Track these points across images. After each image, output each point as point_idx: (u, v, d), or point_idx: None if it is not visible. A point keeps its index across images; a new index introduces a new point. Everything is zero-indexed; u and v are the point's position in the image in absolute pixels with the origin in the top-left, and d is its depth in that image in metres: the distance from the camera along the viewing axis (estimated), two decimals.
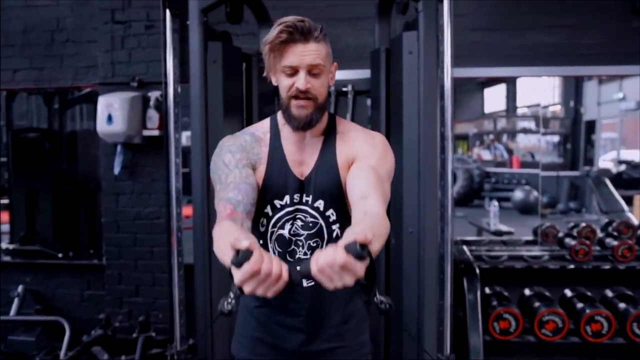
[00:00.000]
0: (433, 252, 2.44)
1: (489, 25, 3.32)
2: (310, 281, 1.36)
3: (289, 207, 1.38)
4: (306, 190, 1.38)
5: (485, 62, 3.37)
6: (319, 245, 1.39)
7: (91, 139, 4.15)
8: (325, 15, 3.43)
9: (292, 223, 1.39)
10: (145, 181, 3.56)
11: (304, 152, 1.40)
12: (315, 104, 1.33)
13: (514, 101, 11.65)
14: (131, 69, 3.50)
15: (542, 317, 2.82)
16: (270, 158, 1.40)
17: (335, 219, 1.39)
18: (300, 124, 1.34)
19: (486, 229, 5.66)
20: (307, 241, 1.38)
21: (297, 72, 1.30)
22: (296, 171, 1.39)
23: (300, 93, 1.30)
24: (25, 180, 4.93)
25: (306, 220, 1.38)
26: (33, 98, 5.12)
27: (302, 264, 1.04)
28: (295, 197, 1.38)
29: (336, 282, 0.96)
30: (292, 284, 1.01)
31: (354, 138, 1.41)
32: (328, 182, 1.37)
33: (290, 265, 1.34)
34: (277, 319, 1.42)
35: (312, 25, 1.31)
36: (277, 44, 1.28)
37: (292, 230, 1.39)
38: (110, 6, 3.49)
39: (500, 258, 3.17)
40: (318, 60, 1.30)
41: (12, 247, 4.86)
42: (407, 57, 2.52)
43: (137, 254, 3.61)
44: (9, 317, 3.71)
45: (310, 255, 1.31)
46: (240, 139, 1.42)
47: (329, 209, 1.38)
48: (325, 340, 1.41)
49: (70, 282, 3.85)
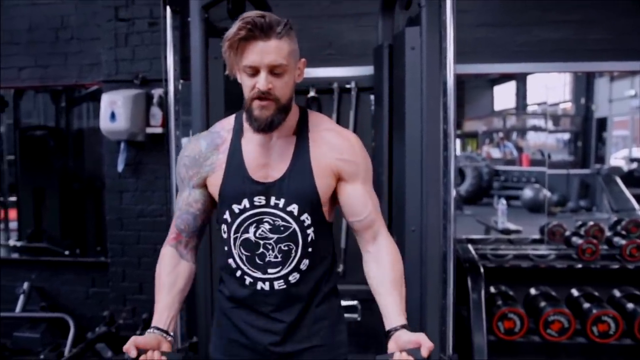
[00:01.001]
0: (435, 251, 2.40)
1: (494, 21, 3.27)
2: (282, 284, 1.36)
3: (250, 210, 1.35)
4: (276, 193, 1.34)
5: (491, 58, 3.33)
6: (292, 250, 1.36)
7: (97, 137, 4.15)
8: (328, 12, 3.41)
9: (257, 226, 1.35)
10: (149, 178, 3.56)
11: (269, 153, 1.35)
12: (277, 105, 1.27)
13: (524, 99, 11.55)
14: (135, 66, 3.50)
15: (548, 317, 2.78)
16: (228, 163, 1.36)
17: (310, 223, 1.36)
18: (261, 126, 1.28)
19: (494, 227, 5.61)
20: (277, 245, 1.35)
21: (258, 72, 1.24)
22: (257, 175, 1.35)
23: (262, 94, 1.24)
24: (33, 178, 4.96)
25: (275, 224, 1.34)
26: (40, 96, 5.17)
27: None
28: (257, 200, 1.34)
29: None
30: None
31: (329, 143, 1.37)
32: (303, 187, 1.34)
33: (262, 269, 1.36)
34: (250, 320, 1.40)
35: (274, 21, 1.24)
36: (236, 41, 1.22)
37: (257, 233, 1.35)
38: (114, 3, 3.49)
39: (506, 257, 3.12)
40: (280, 60, 1.23)
41: (20, 244, 4.90)
42: (409, 53, 2.49)
43: (140, 251, 3.61)
44: (15, 313, 3.73)
45: (282, 259, 1.35)
46: (197, 147, 1.40)
47: (303, 214, 1.35)
48: (299, 341, 1.39)
49: (75, 279, 3.87)
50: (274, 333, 1.38)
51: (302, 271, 1.37)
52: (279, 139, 1.35)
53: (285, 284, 1.36)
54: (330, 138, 1.38)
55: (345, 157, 1.36)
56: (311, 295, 1.39)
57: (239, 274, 1.39)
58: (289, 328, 1.38)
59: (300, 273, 1.36)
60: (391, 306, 1.27)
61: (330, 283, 1.44)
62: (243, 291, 1.39)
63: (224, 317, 1.46)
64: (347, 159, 1.36)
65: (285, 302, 1.38)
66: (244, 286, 1.39)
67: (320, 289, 1.41)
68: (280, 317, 1.38)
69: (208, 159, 1.38)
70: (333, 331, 1.44)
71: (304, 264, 1.36)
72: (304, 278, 1.37)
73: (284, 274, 1.36)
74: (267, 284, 1.36)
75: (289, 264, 1.36)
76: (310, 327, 1.40)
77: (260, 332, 1.39)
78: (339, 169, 1.36)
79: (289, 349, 1.39)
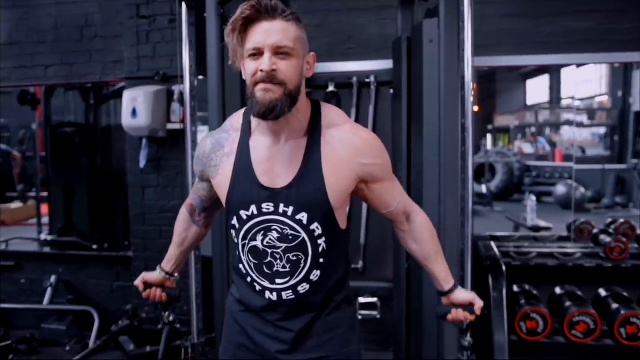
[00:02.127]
0: (454, 248, 2.35)
1: (518, 11, 3.17)
2: (290, 294, 1.31)
3: (258, 217, 1.28)
4: (284, 200, 1.25)
5: (516, 50, 3.22)
6: (301, 260, 1.28)
7: (124, 134, 4.22)
8: (348, 5, 3.36)
9: (265, 234, 1.28)
10: (170, 174, 3.59)
11: (278, 157, 1.27)
12: (284, 90, 1.17)
13: (558, 92, 11.25)
14: (156, 63, 3.53)
15: (573, 318, 2.68)
16: (236, 166, 1.30)
17: (321, 233, 1.28)
18: (262, 110, 1.17)
19: (523, 224, 5.48)
20: (285, 254, 1.28)
21: (262, 54, 1.16)
22: (264, 179, 1.27)
23: (266, 77, 1.15)
24: (63, 174, 5.08)
25: (284, 233, 1.27)
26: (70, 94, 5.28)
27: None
28: (265, 207, 1.27)
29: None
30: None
31: (344, 144, 1.28)
32: (313, 194, 1.25)
33: (270, 278, 1.31)
34: (258, 326, 1.37)
35: (281, 4, 1.18)
36: (241, 22, 1.15)
37: (265, 241, 1.29)
38: (136, 1, 3.53)
39: (530, 255, 3.02)
40: (285, 42, 1.16)
41: (51, 238, 5.03)
42: (427, 45, 2.43)
43: (162, 246, 3.62)
44: (43, 306, 3.83)
45: (290, 269, 1.29)
46: (203, 147, 1.38)
47: (313, 223, 1.26)
48: (308, 351, 1.35)
49: (100, 273, 3.94)
50: (282, 341, 1.34)
51: (312, 282, 1.30)
52: (288, 141, 1.26)
53: (294, 294, 1.30)
54: (346, 139, 1.28)
55: (367, 161, 1.29)
56: (322, 305, 1.34)
57: (249, 280, 1.35)
58: (297, 337, 1.34)
59: (311, 284, 1.31)
60: (441, 272, 1.43)
61: (342, 292, 1.39)
62: (253, 297, 1.36)
63: (233, 320, 1.44)
64: (370, 162, 1.29)
65: (295, 312, 1.33)
66: (254, 292, 1.35)
67: (332, 298, 1.36)
68: (289, 326, 1.34)
69: (212, 160, 1.34)
70: (344, 341, 1.38)
71: (315, 275, 1.30)
72: (314, 289, 1.31)
73: (292, 284, 1.30)
74: (275, 294, 1.31)
75: (297, 275, 1.29)
76: (320, 336, 1.35)
77: (269, 339, 1.36)
78: (362, 173, 1.29)
79: (298, 358, 1.35)
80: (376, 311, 3.06)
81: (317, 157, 1.25)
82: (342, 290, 1.39)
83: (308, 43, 1.25)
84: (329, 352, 1.35)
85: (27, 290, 4.05)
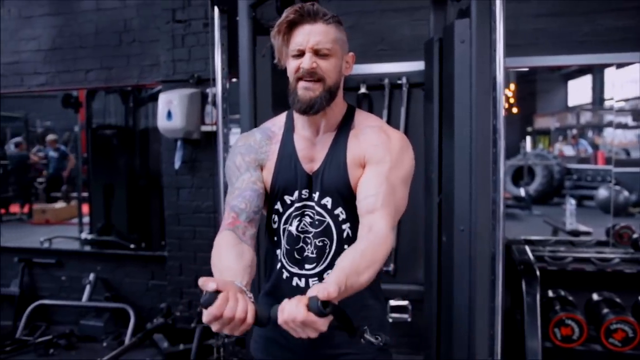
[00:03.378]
0: (485, 252, 2.31)
1: (555, 10, 3.09)
2: (316, 281, 1.32)
3: (297, 202, 1.35)
4: (314, 186, 1.34)
5: (553, 50, 3.14)
6: (326, 245, 1.32)
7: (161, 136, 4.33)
8: (381, 7, 3.35)
9: (300, 219, 1.34)
10: (204, 175, 3.65)
11: (315, 148, 1.36)
12: (324, 86, 1.27)
13: (601, 93, 10.92)
14: (191, 66, 3.60)
15: (610, 325, 2.60)
16: (281, 154, 1.37)
17: (345, 218, 1.32)
18: (303, 106, 1.27)
19: (561, 228, 5.34)
20: (313, 240, 1.33)
21: (303, 54, 1.26)
22: (306, 166, 1.35)
23: (307, 74, 1.25)
24: (103, 175, 5.24)
25: (314, 218, 1.33)
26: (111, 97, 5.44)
27: (272, 309, 1.03)
28: (303, 193, 1.34)
29: (301, 334, 0.99)
30: (260, 324, 1.03)
31: (367, 136, 1.33)
32: (335, 178, 1.32)
33: (299, 264, 1.33)
34: None
35: (322, 9, 1.27)
36: (285, 24, 1.25)
37: (299, 227, 1.34)
38: (172, 6, 3.61)
39: (565, 259, 2.94)
40: (325, 43, 1.25)
41: (91, 237, 5.18)
42: (459, 46, 2.40)
43: (196, 246, 3.71)
44: (82, 302, 3.95)
45: (317, 255, 1.32)
46: (251, 138, 1.41)
47: (337, 207, 1.32)
48: (336, 346, 1.34)
49: (136, 272, 4.04)
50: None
51: None
52: (325, 133, 1.35)
53: (319, 281, 1.31)
54: (371, 133, 1.34)
55: (377, 144, 1.31)
56: (348, 298, 1.34)
57: (279, 267, 1.38)
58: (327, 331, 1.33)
59: None
60: (331, 275, 1.08)
61: (371, 289, 1.34)
62: (280, 285, 1.38)
63: None
64: (378, 145, 1.31)
65: None
66: (282, 280, 1.37)
67: (359, 294, 1.32)
68: None
69: (262, 147, 1.39)
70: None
71: None
72: None
73: (318, 271, 1.33)
74: (303, 281, 1.34)
75: (323, 261, 1.33)
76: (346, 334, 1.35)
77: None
78: (366, 155, 1.31)
79: (327, 353, 1.35)
80: (407, 314, 3.04)
81: (343, 146, 1.33)
82: (371, 291, 1.36)
83: (347, 43, 1.33)
84: (358, 349, 1.33)
85: (67, 287, 4.19)
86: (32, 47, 4.14)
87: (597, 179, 8.53)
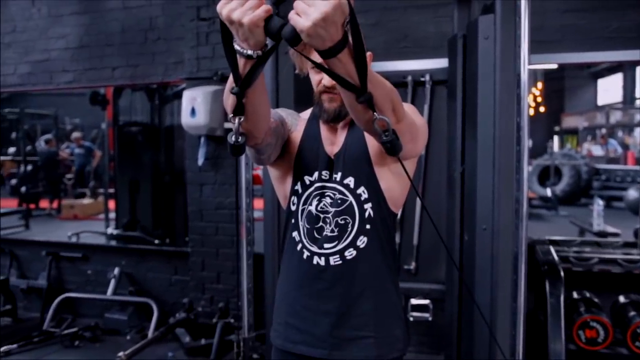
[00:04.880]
0: (507, 251, 2.28)
1: (582, 6, 3.02)
2: (338, 259, 1.34)
3: (317, 183, 1.39)
4: (335, 167, 1.38)
5: (580, 46, 3.08)
6: (348, 224, 1.35)
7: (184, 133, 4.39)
8: (404, 3, 3.33)
9: (320, 199, 1.38)
10: (227, 172, 3.67)
11: (336, 134, 1.43)
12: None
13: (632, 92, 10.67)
14: (214, 63, 3.62)
15: (637, 328, 2.54)
16: (306, 133, 1.43)
17: (368, 198, 1.36)
18: (330, 117, 1.37)
19: (588, 229, 5.24)
20: (334, 218, 1.36)
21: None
22: (327, 148, 1.41)
23: (327, 88, 1.34)
24: (129, 171, 5.33)
25: (335, 197, 1.37)
26: (138, 94, 5.52)
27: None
28: (324, 174, 1.39)
29: (310, 14, 0.84)
30: (273, 25, 0.90)
31: None
32: (357, 156, 1.37)
33: (318, 243, 1.36)
34: (307, 303, 1.39)
35: None
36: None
37: (319, 206, 1.38)
38: (196, 4, 3.63)
39: (591, 260, 2.88)
40: None
41: (117, 232, 5.28)
42: (482, 42, 2.38)
43: (219, 242, 3.74)
44: (107, 296, 4.02)
45: (338, 233, 1.35)
46: (285, 110, 1.49)
47: (359, 187, 1.36)
48: (355, 328, 1.36)
49: (159, 267, 4.08)
50: (330, 314, 1.36)
51: (359, 249, 1.35)
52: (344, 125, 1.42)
53: (341, 259, 1.34)
54: None
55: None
56: (368, 279, 1.36)
57: (299, 248, 1.39)
58: (346, 310, 1.36)
59: (357, 250, 1.35)
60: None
61: (390, 278, 1.41)
62: (299, 266, 1.40)
63: (281, 301, 1.47)
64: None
65: (340, 281, 1.35)
66: (301, 261, 1.39)
67: (378, 276, 1.38)
68: (337, 296, 1.36)
69: (294, 117, 1.47)
70: (391, 323, 1.40)
71: (362, 241, 1.35)
72: (361, 256, 1.35)
73: (339, 248, 1.35)
74: (323, 259, 1.36)
75: (345, 239, 1.35)
76: (369, 314, 1.37)
77: (317, 315, 1.38)
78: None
79: (345, 335, 1.36)
80: (428, 313, 3.02)
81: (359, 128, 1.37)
82: (389, 275, 1.41)
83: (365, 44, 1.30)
84: (376, 332, 1.37)
85: (93, 281, 4.27)
86: (60, 46, 4.21)
87: (627, 179, 8.35)
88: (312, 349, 1.38)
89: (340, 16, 0.86)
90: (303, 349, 1.39)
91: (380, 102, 1.00)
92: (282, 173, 1.45)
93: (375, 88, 0.98)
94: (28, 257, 4.54)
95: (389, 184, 1.37)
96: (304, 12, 0.85)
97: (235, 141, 1.02)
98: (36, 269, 4.44)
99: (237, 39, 0.93)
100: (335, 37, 0.88)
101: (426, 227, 3.28)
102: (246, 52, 0.94)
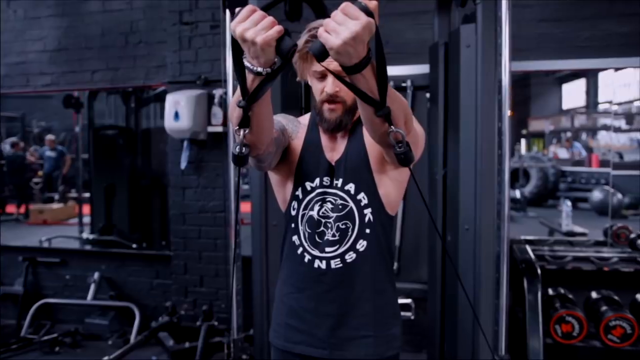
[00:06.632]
0: (489, 250, 2.37)
1: (557, 15, 3.17)
2: (338, 262, 1.39)
3: (319, 189, 1.43)
4: (336, 174, 1.42)
5: (555, 54, 3.23)
6: (349, 228, 1.40)
7: (163, 136, 4.36)
8: (385, 11, 3.39)
9: (322, 205, 1.42)
10: (210, 176, 3.69)
11: (336, 141, 1.46)
12: (344, 107, 1.38)
13: (595, 96, 11.02)
14: (197, 67, 3.65)
15: (609, 322, 2.67)
16: (307, 141, 1.46)
17: (367, 203, 1.40)
18: (331, 126, 1.40)
19: (557, 229, 5.41)
20: (335, 223, 1.40)
21: (326, 77, 1.35)
22: (328, 155, 1.45)
23: (330, 97, 1.36)
24: (105, 175, 5.26)
25: (336, 203, 1.41)
26: (112, 97, 5.46)
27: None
28: (325, 180, 1.43)
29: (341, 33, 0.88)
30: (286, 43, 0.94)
31: None
32: (358, 164, 1.41)
33: (319, 247, 1.41)
34: (307, 305, 1.44)
35: None
36: (306, 50, 1.29)
37: (320, 212, 1.41)
38: (179, 8, 3.65)
39: (565, 259, 3.02)
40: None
41: (92, 237, 5.20)
42: (464, 50, 2.47)
43: (201, 245, 3.75)
44: (86, 301, 3.98)
45: (339, 238, 1.39)
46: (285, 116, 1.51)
47: (360, 193, 1.40)
48: (355, 328, 1.41)
49: (140, 271, 4.07)
50: (330, 316, 1.41)
51: (359, 252, 1.39)
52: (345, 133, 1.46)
53: (341, 262, 1.39)
54: None
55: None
56: (367, 281, 1.41)
57: (300, 251, 1.43)
58: (346, 311, 1.40)
59: (357, 254, 1.39)
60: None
61: (388, 279, 1.46)
62: (300, 269, 1.44)
63: (282, 302, 1.51)
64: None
65: (341, 284, 1.40)
66: (302, 264, 1.43)
67: (376, 278, 1.43)
68: (337, 299, 1.40)
69: (295, 124, 1.48)
70: (389, 323, 1.45)
71: (361, 245, 1.40)
72: (361, 259, 1.40)
73: (340, 252, 1.39)
74: (324, 263, 1.40)
75: (345, 242, 1.39)
76: (369, 315, 1.42)
77: (317, 316, 1.42)
78: None
79: (344, 335, 1.41)
80: (410, 312, 3.10)
81: (360, 135, 1.43)
82: (387, 276, 1.46)
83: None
84: (375, 332, 1.42)
85: (72, 286, 4.22)
86: (37, 48, 4.16)
87: (592, 181, 8.63)
88: (313, 349, 1.43)
89: (368, 35, 0.90)
90: (304, 349, 1.44)
91: (396, 115, 1.05)
92: (282, 178, 1.49)
93: (392, 102, 1.03)
94: (3, 263, 4.45)
95: (386, 190, 1.43)
96: (334, 31, 0.90)
97: (239, 152, 1.06)
98: (11, 275, 4.36)
99: (247, 56, 0.97)
100: (361, 54, 0.93)
101: (408, 229, 3.37)
102: (256, 69, 0.97)
